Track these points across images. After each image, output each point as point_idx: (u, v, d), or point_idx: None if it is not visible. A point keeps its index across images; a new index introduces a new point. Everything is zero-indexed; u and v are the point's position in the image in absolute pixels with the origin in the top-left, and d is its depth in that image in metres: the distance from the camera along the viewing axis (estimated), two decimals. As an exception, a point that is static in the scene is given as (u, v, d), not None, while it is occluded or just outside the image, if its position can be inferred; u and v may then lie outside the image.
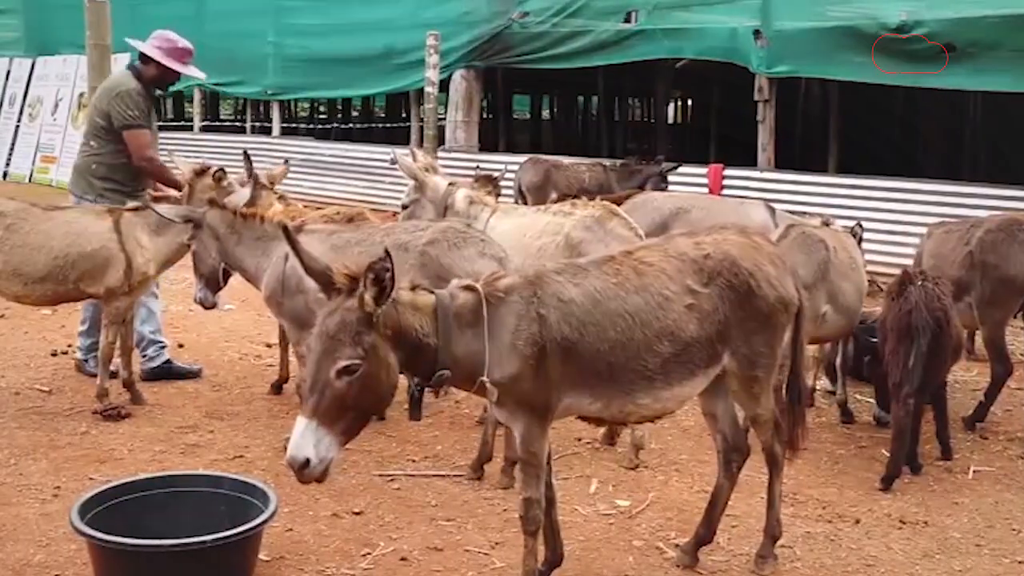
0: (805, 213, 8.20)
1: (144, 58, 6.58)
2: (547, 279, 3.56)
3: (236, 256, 5.68)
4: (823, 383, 6.76)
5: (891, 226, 10.37)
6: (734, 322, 3.79)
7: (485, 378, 3.44)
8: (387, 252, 3.16)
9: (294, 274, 5.25)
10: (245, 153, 6.90)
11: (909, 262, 6.63)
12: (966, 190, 10.63)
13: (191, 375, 6.84)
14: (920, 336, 5.18)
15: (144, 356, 6.76)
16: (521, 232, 5.91)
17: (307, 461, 3.14)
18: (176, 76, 6.67)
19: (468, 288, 3.51)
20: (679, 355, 3.67)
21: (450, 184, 6.35)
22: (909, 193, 10.79)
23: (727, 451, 4.17)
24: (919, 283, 5.33)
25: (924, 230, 7.01)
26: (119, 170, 6.47)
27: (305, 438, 3.15)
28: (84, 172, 6.59)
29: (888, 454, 5.36)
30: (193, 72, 6.77)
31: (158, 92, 6.85)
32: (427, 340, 3.35)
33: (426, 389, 3.54)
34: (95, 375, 6.26)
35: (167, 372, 6.78)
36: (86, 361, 6.75)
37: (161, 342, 6.85)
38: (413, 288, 3.44)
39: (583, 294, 3.56)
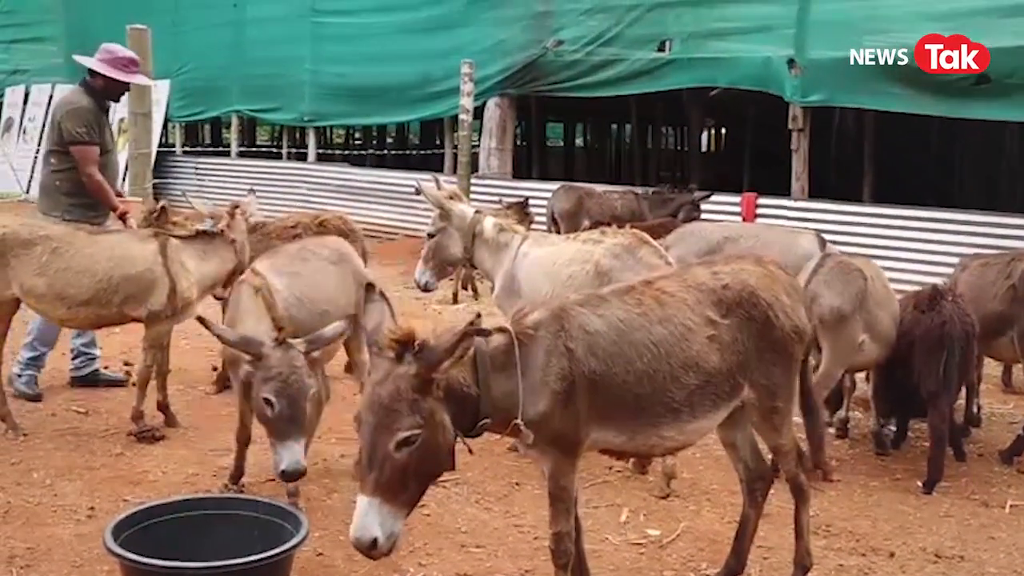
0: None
1: (92, 72, 6.65)
2: (572, 312, 3.53)
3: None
4: (856, 414, 6.70)
5: (926, 256, 10.30)
6: (753, 353, 3.78)
7: (519, 420, 3.37)
8: (479, 315, 3.14)
9: None
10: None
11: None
12: (1002, 220, 10.55)
13: (118, 383, 7.21)
14: (955, 346, 5.55)
15: (73, 366, 7.21)
16: (551, 260, 5.91)
17: (375, 541, 3.05)
18: (123, 86, 6.78)
19: (499, 330, 3.46)
20: (704, 387, 3.65)
21: (476, 212, 6.35)
22: (944, 223, 10.72)
23: (750, 480, 4.16)
24: (950, 298, 5.72)
25: (959, 260, 6.96)
26: (84, 185, 6.49)
27: (369, 518, 3.06)
28: (50, 190, 6.65)
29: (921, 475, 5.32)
30: (139, 80, 6.91)
31: (109, 103, 6.88)
32: (469, 391, 3.30)
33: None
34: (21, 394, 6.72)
35: (94, 381, 7.20)
36: (19, 376, 6.86)
37: (91, 354, 7.25)
38: None
39: (608, 325, 3.54)
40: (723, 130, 31.34)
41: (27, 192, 20.48)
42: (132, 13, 10.51)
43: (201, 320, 4.67)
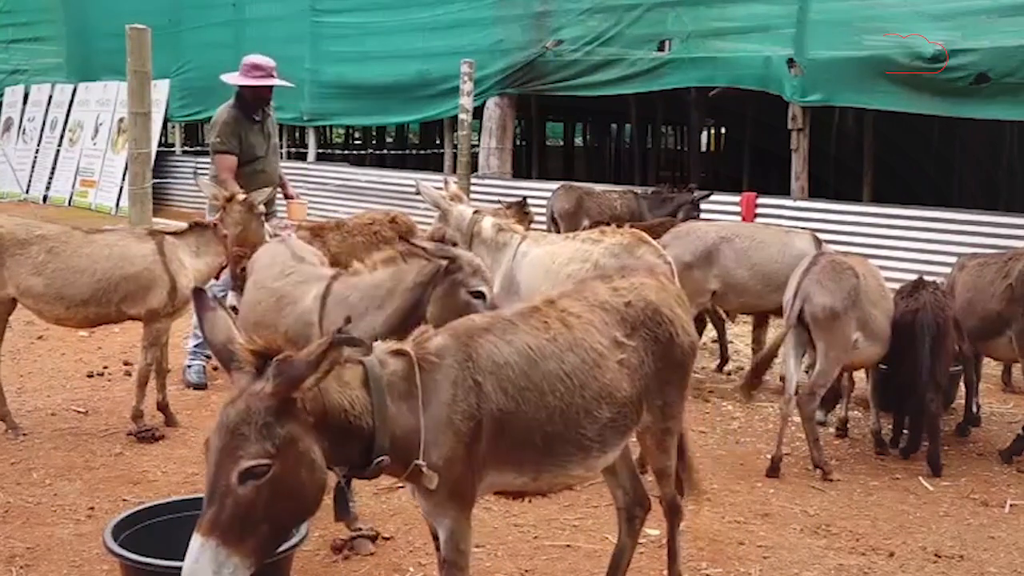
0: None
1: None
2: (479, 338, 3.10)
3: None
4: (855, 413, 6.71)
5: (926, 255, 10.30)
6: (654, 373, 3.50)
7: (421, 461, 2.88)
8: (348, 319, 2.71)
9: None
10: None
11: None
12: (1002, 220, 10.56)
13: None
14: (925, 333, 5.74)
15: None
16: (550, 259, 5.91)
17: None
18: (258, 91, 7.23)
19: (398, 352, 2.97)
20: (615, 418, 3.34)
21: (475, 212, 6.32)
22: (944, 223, 10.71)
23: (629, 506, 3.93)
24: (931, 289, 5.89)
25: (957, 259, 6.96)
26: (244, 184, 6.77)
27: (201, 564, 2.49)
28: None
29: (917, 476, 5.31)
30: (266, 83, 7.27)
31: (262, 111, 7.38)
32: (359, 422, 2.78)
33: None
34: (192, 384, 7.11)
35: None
36: (189, 367, 7.30)
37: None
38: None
39: (519, 354, 3.12)
40: (723, 130, 31.35)
41: (27, 192, 20.52)
42: (132, 13, 10.50)
43: (407, 240, 4.51)
